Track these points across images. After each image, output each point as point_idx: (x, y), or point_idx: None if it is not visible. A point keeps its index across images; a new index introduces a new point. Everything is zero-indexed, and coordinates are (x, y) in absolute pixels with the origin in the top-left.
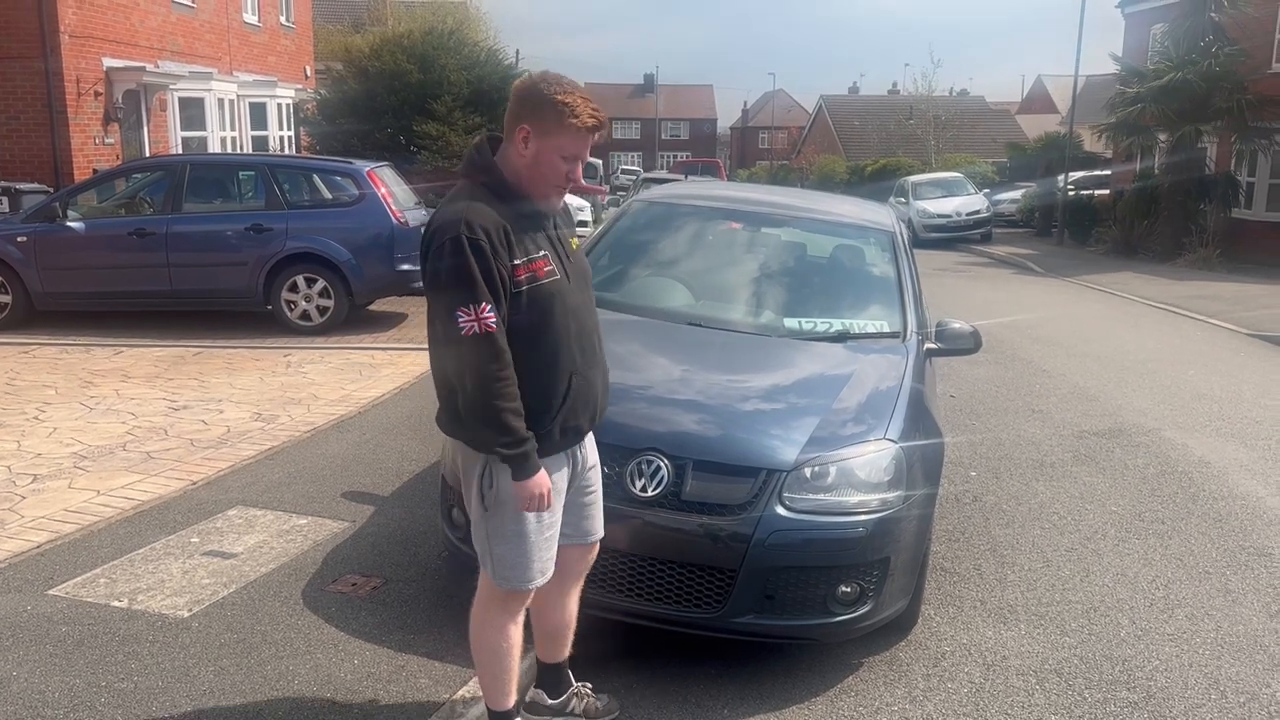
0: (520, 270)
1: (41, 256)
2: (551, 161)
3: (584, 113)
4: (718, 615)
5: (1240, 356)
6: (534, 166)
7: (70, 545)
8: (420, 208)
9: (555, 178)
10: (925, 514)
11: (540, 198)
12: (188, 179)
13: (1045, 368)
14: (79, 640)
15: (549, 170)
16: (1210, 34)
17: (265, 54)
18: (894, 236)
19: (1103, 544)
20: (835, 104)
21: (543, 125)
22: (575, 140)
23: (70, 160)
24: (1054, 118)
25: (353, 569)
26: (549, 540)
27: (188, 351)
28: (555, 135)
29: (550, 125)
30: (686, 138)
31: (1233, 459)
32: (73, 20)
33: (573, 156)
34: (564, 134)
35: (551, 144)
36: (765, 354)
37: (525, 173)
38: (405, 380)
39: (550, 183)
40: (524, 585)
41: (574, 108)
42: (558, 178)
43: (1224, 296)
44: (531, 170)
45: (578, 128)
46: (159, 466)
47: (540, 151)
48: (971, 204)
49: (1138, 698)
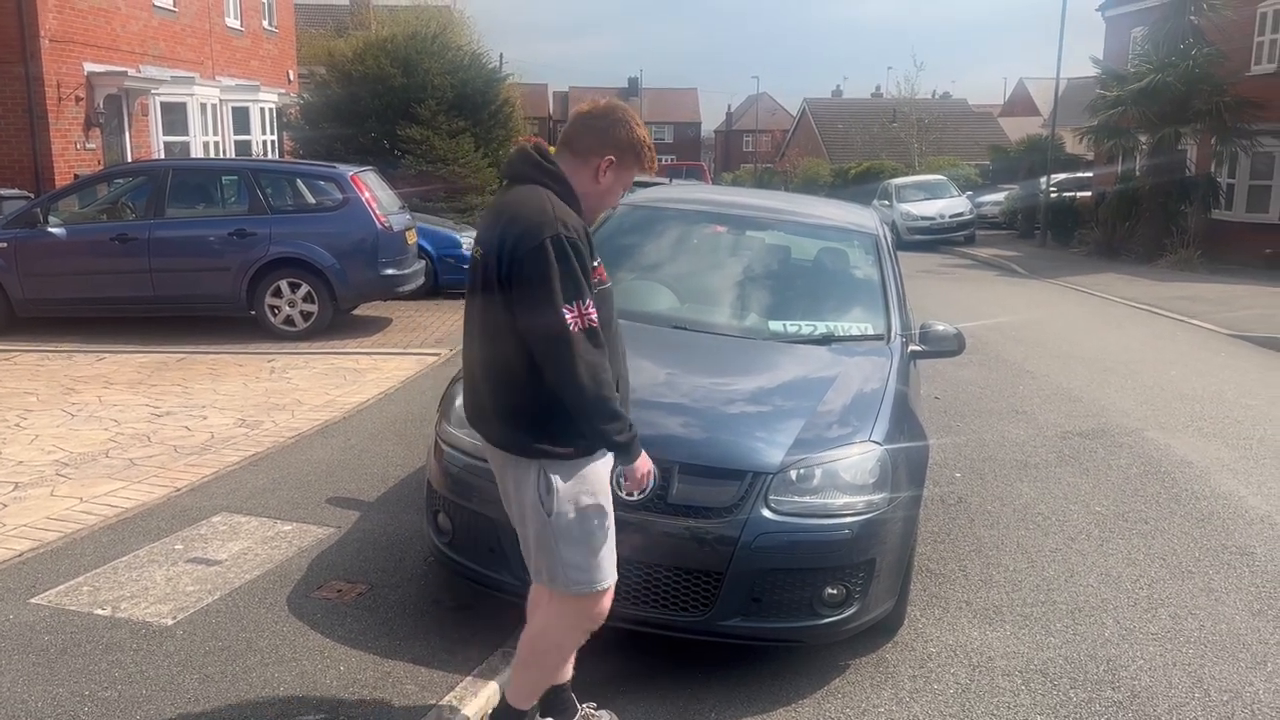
0: (598, 270)
1: (22, 263)
2: (618, 191)
3: (645, 152)
4: (705, 618)
5: (1222, 357)
6: (607, 193)
7: (53, 553)
8: (404, 212)
9: (607, 197)
10: (910, 515)
11: (589, 215)
12: (170, 184)
13: (1029, 369)
14: (62, 649)
15: (614, 198)
16: (1190, 37)
17: (248, 58)
18: (877, 239)
19: (1087, 544)
20: (819, 107)
21: (625, 161)
22: (632, 173)
23: (51, 166)
24: (1036, 120)
25: (338, 575)
26: (612, 537)
27: (171, 358)
28: (631, 170)
29: (631, 162)
30: (671, 141)
31: (1215, 459)
32: (53, 25)
33: (626, 185)
34: (630, 163)
35: (627, 177)
36: (750, 357)
37: (593, 194)
38: (390, 385)
39: (597, 203)
40: (598, 585)
41: (651, 152)
42: (608, 198)
43: (1205, 297)
44: (603, 195)
45: (641, 164)
46: (142, 473)
47: (616, 181)
48: (955, 206)
49: (1122, 697)
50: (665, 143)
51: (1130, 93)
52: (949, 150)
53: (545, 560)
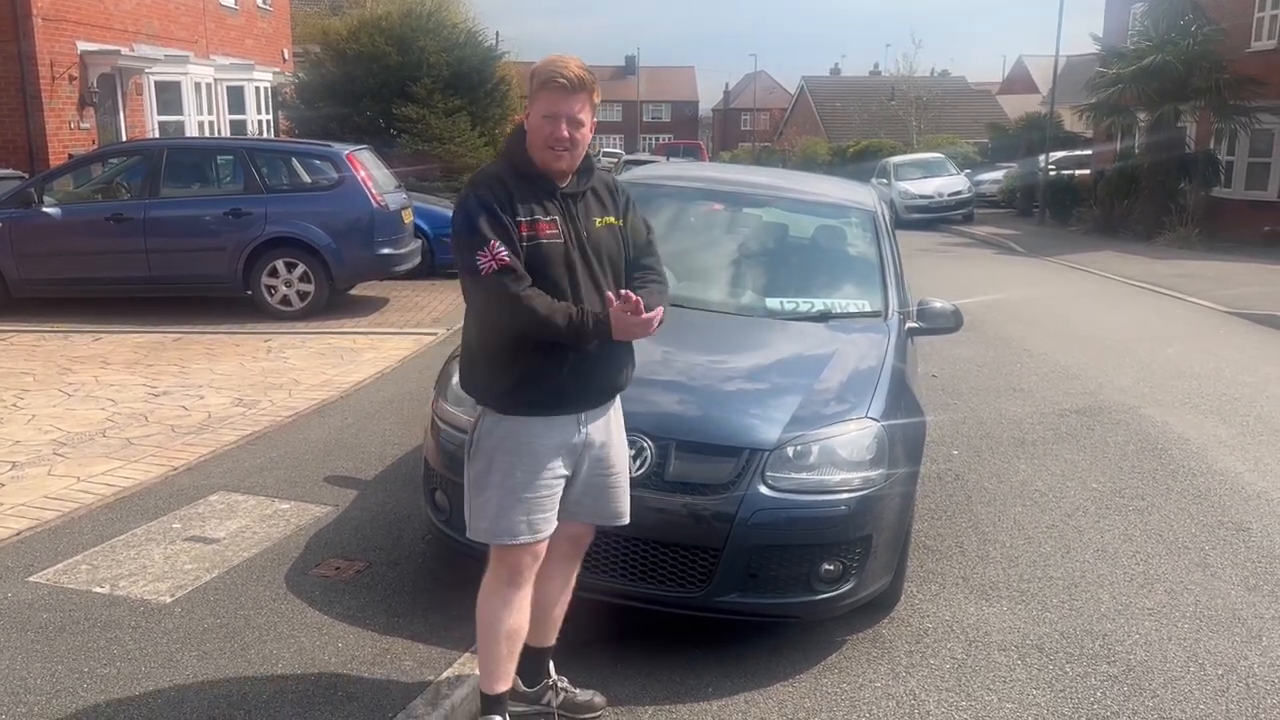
0: (523, 226)
1: (17, 243)
2: (536, 124)
3: (544, 71)
4: (702, 594)
5: (1219, 334)
6: (532, 134)
7: (51, 532)
8: (400, 191)
9: (541, 138)
10: (907, 492)
11: (544, 164)
12: (165, 163)
13: (1026, 346)
14: (60, 627)
15: (536, 133)
16: (1189, 13)
17: (242, 37)
18: (875, 216)
19: (1083, 520)
20: (817, 85)
21: (530, 95)
22: (547, 99)
23: (45, 145)
24: (1035, 98)
25: (336, 553)
26: (530, 500)
27: (167, 338)
28: (535, 100)
29: (531, 92)
30: (668, 120)
31: (1211, 435)
32: (46, 3)
33: (551, 115)
34: (538, 96)
35: (535, 109)
36: (747, 334)
37: (532, 137)
38: (387, 365)
39: (542, 145)
40: (499, 539)
41: (540, 70)
42: (543, 137)
43: (1203, 275)
44: (532, 137)
45: (545, 85)
46: (139, 453)
47: (531, 118)
48: (953, 184)
49: (1118, 671)
50: (663, 121)
51: (1129, 70)
52: (947, 128)
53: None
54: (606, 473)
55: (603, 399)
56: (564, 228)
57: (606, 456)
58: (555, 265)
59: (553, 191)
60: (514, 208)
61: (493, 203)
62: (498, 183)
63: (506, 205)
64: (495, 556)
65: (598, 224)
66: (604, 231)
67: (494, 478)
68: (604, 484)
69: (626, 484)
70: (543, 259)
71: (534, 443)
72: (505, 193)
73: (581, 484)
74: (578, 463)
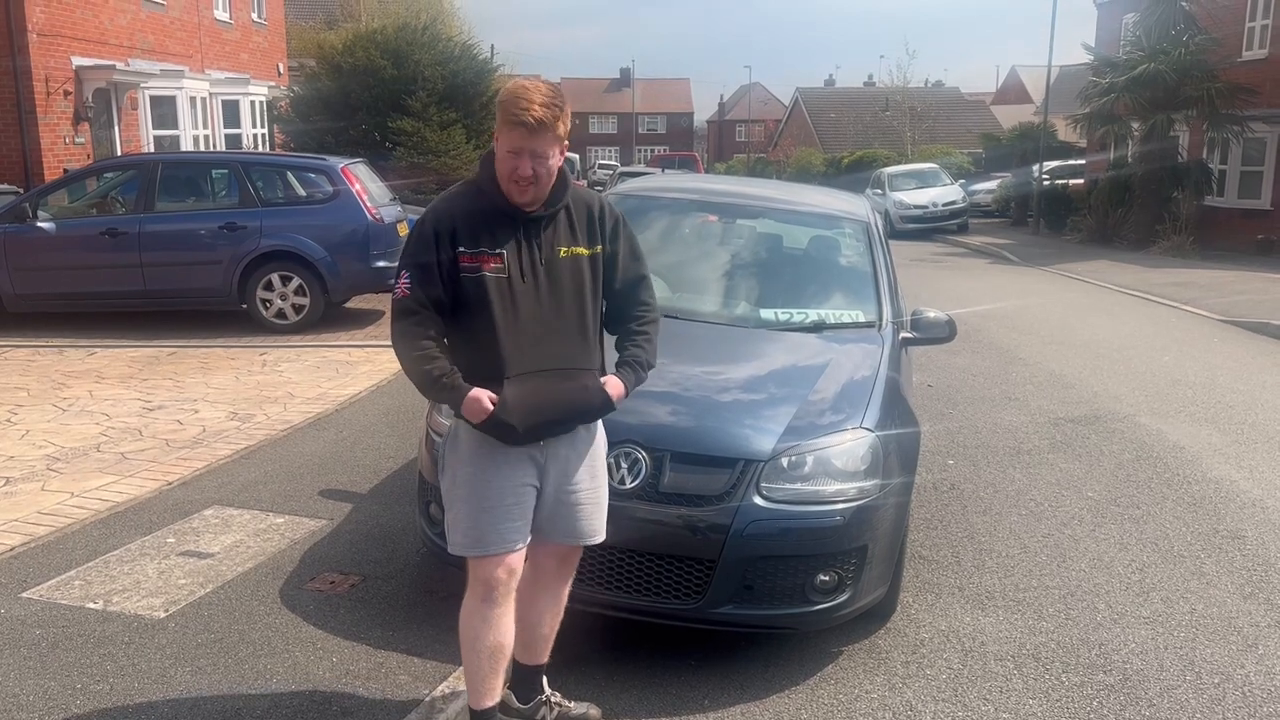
0: (465, 258)
1: (12, 258)
2: (501, 157)
3: (509, 108)
4: (697, 606)
5: (1214, 342)
6: (499, 164)
7: (44, 547)
8: (395, 204)
9: (505, 171)
10: (902, 502)
11: (509, 194)
12: (160, 177)
13: (1021, 356)
14: (54, 643)
15: (501, 166)
16: (1181, 23)
17: (237, 51)
18: (869, 227)
19: (1079, 529)
20: (811, 96)
21: (497, 124)
22: (511, 136)
23: (40, 160)
24: (1029, 108)
25: (331, 567)
26: (497, 509)
27: (162, 352)
28: (500, 132)
29: (498, 121)
30: (664, 131)
31: (1207, 443)
32: (40, 19)
33: (515, 150)
34: (503, 130)
35: (500, 142)
36: (741, 345)
37: (499, 171)
38: (382, 378)
39: (507, 178)
40: (471, 550)
41: (505, 103)
42: (507, 171)
43: (1198, 283)
44: (499, 167)
45: (509, 123)
46: (134, 467)
47: (498, 148)
48: (948, 194)
49: (1114, 680)
50: (658, 133)
51: (1122, 80)
52: (942, 138)
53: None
54: (573, 489)
55: (554, 433)
56: (515, 258)
57: (570, 471)
58: (491, 297)
59: (514, 217)
60: (459, 238)
61: (431, 233)
62: (446, 211)
63: (447, 235)
64: (471, 571)
65: (561, 253)
66: (566, 262)
67: (460, 490)
68: (571, 501)
69: (599, 503)
70: (479, 290)
71: (493, 452)
72: (450, 224)
73: (551, 501)
74: (542, 475)
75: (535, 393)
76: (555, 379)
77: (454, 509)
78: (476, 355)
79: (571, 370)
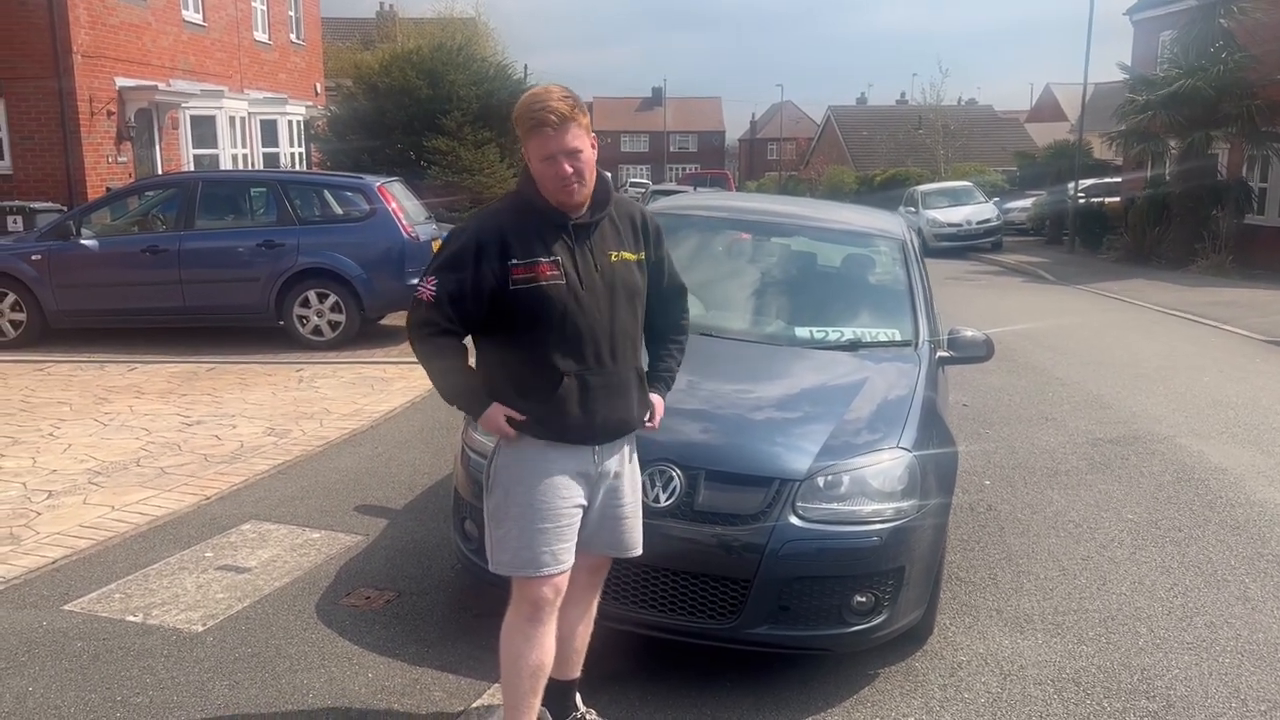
0: (519, 270)
1: (56, 274)
2: (539, 169)
3: (528, 114)
4: (732, 626)
5: (1256, 362)
6: (539, 178)
7: (85, 561)
8: (430, 222)
9: (548, 180)
10: (940, 523)
11: (558, 203)
12: (200, 196)
13: (1058, 375)
14: (94, 655)
15: (541, 178)
16: (1220, 40)
17: (276, 71)
18: (904, 244)
19: (1119, 552)
20: (843, 115)
21: (522, 139)
22: (540, 142)
23: (84, 179)
24: (1063, 126)
25: (366, 582)
26: (551, 530)
27: (200, 367)
28: (528, 145)
29: (522, 136)
30: (695, 150)
31: (1249, 465)
32: (85, 41)
33: (549, 157)
34: (530, 140)
35: (531, 154)
36: (776, 363)
37: (541, 186)
38: (417, 394)
39: (554, 187)
40: (523, 571)
41: (523, 113)
42: (550, 179)
43: (1238, 302)
44: (540, 182)
45: (533, 129)
46: (173, 482)
47: (531, 163)
48: (981, 213)
49: (1158, 707)
50: (689, 151)
51: (1159, 97)
52: (975, 157)
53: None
54: (619, 504)
55: (613, 436)
56: (570, 265)
57: (620, 488)
58: (554, 307)
59: (563, 224)
60: (511, 250)
61: (474, 245)
62: (494, 224)
63: (495, 248)
64: (517, 591)
65: (613, 258)
66: (619, 266)
67: (512, 509)
68: (617, 515)
69: (639, 515)
70: (541, 301)
71: (550, 469)
72: (499, 235)
73: (596, 515)
74: (593, 492)
75: (590, 391)
76: (613, 381)
77: (504, 527)
78: (523, 368)
79: (629, 375)
